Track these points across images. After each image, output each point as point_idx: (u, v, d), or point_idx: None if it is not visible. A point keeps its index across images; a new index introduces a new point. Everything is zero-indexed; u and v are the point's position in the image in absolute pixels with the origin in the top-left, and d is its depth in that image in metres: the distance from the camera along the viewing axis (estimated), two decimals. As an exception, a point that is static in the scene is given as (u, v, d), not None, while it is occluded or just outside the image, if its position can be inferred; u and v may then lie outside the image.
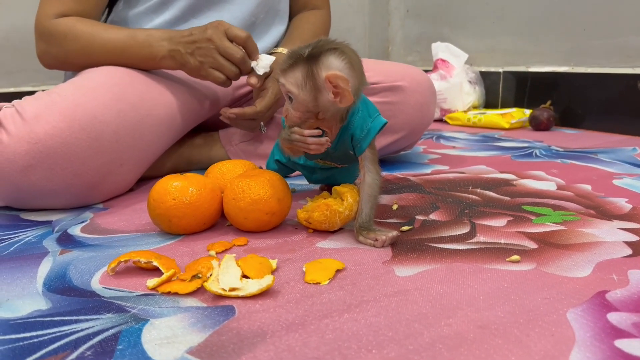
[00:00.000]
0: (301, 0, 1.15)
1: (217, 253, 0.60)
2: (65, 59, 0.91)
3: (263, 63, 0.87)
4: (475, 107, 1.65)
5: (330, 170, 0.75)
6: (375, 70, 0.99)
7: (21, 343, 0.42)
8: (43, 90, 1.40)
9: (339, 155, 0.67)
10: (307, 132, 0.62)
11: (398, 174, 0.97)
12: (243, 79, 1.03)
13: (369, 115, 0.65)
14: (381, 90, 0.97)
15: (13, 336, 0.43)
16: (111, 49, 0.87)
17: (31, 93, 1.39)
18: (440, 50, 1.67)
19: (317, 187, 0.86)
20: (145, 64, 0.89)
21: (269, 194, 0.65)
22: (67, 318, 0.45)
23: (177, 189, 0.65)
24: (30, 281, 0.53)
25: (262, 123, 0.96)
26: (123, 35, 0.88)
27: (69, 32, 0.88)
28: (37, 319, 0.45)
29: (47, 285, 0.52)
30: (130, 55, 0.87)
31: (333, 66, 0.57)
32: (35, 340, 0.42)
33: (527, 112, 1.51)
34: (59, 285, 0.52)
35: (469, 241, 0.62)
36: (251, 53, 0.87)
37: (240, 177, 0.67)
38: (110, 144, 0.77)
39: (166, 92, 0.89)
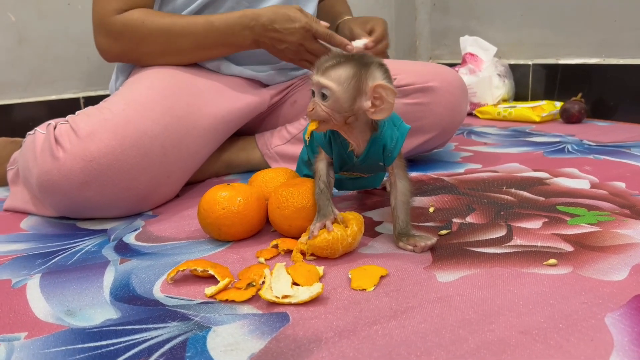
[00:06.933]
0: None
1: (265, 260, 0.64)
2: (131, 52, 0.96)
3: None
4: (505, 100, 1.66)
5: (358, 179, 0.76)
6: (406, 71, 1.01)
7: (99, 351, 0.46)
8: (84, 97, 1.46)
9: (366, 167, 0.69)
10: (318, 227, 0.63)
11: (432, 174, 0.99)
12: (275, 89, 1.09)
13: (394, 123, 0.67)
14: (412, 92, 0.99)
15: (91, 344, 0.47)
16: (191, 38, 0.93)
17: (72, 100, 1.46)
18: (469, 44, 1.67)
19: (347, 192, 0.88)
20: (225, 49, 0.97)
21: (311, 203, 0.68)
22: (137, 327, 0.50)
23: (226, 199, 0.68)
24: (98, 291, 0.58)
25: None
26: (200, 23, 0.93)
27: (136, 26, 0.92)
28: (110, 328, 0.50)
29: (113, 295, 0.56)
30: (212, 41, 0.94)
31: (379, 78, 0.60)
32: (112, 348, 0.46)
33: (558, 104, 1.51)
34: (124, 294, 0.57)
35: (506, 244, 0.64)
36: (338, 45, 0.93)
37: (284, 186, 0.70)
38: (159, 158, 0.82)
39: (209, 103, 0.93)
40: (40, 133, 0.81)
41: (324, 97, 0.61)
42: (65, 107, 1.45)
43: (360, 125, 0.63)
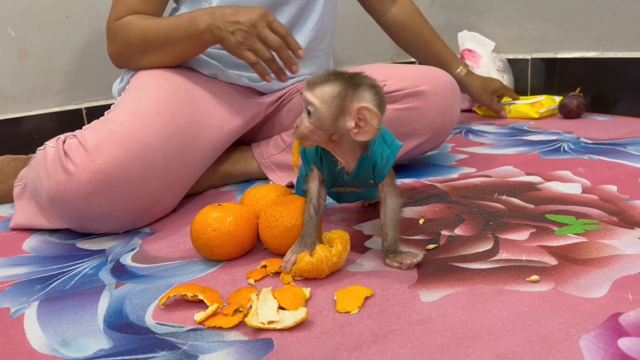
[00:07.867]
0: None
1: (255, 281, 0.65)
2: (124, 53, 1.00)
3: None
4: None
5: (353, 193, 0.77)
6: (396, 76, 1.01)
7: (91, 384, 0.48)
8: (86, 108, 1.48)
9: (357, 183, 0.70)
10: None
11: (425, 180, 1.00)
12: (271, 98, 1.09)
13: (385, 141, 0.67)
14: (403, 97, 0.99)
15: (83, 377, 0.49)
16: (162, 32, 0.95)
17: (75, 111, 1.48)
18: (467, 39, 1.67)
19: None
20: (189, 41, 0.95)
21: (299, 222, 0.69)
22: (127, 357, 0.51)
23: (216, 220, 0.70)
24: (92, 319, 0.60)
25: None
26: (172, 18, 0.97)
27: (127, 27, 0.97)
28: (102, 359, 0.52)
29: (107, 322, 0.58)
30: (179, 33, 0.94)
31: (366, 100, 0.60)
32: (102, 380, 0.48)
33: (557, 99, 1.50)
34: (117, 321, 0.58)
35: (492, 259, 0.65)
36: (291, 47, 0.90)
37: (273, 205, 0.72)
38: (161, 169, 0.85)
39: (209, 115, 0.95)
40: (50, 147, 0.84)
41: (309, 113, 0.62)
42: (68, 119, 1.48)
43: (349, 144, 0.64)
